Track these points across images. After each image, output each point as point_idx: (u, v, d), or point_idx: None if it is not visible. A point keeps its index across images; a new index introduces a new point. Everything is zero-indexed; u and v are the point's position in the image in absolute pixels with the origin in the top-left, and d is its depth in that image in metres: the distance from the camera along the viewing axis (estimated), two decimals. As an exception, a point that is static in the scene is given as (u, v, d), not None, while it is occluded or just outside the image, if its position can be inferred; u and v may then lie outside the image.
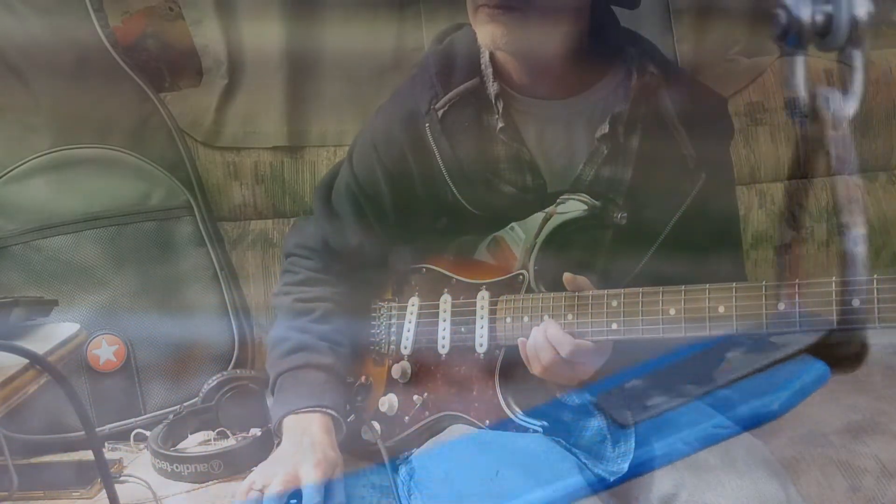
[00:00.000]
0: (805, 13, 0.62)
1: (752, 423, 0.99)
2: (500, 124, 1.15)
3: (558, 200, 1.15)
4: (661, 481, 1.04)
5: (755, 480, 1.01)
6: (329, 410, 1.17)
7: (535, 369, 1.06)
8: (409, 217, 1.24)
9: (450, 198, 1.18)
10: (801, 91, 0.65)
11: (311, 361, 1.21)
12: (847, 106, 0.64)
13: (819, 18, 0.62)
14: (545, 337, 1.04)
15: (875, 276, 0.83)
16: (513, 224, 1.18)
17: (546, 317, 1.07)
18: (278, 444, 1.18)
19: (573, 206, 1.14)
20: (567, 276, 1.06)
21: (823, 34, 0.63)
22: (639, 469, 0.98)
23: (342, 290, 1.29)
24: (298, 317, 1.26)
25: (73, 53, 1.53)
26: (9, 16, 1.51)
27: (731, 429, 1.03)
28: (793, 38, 0.63)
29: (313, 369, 1.20)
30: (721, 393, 0.97)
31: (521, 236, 1.16)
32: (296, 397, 1.18)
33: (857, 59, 0.63)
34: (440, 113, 1.16)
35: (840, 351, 0.70)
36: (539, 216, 1.15)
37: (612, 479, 1.05)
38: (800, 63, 0.64)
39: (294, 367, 1.21)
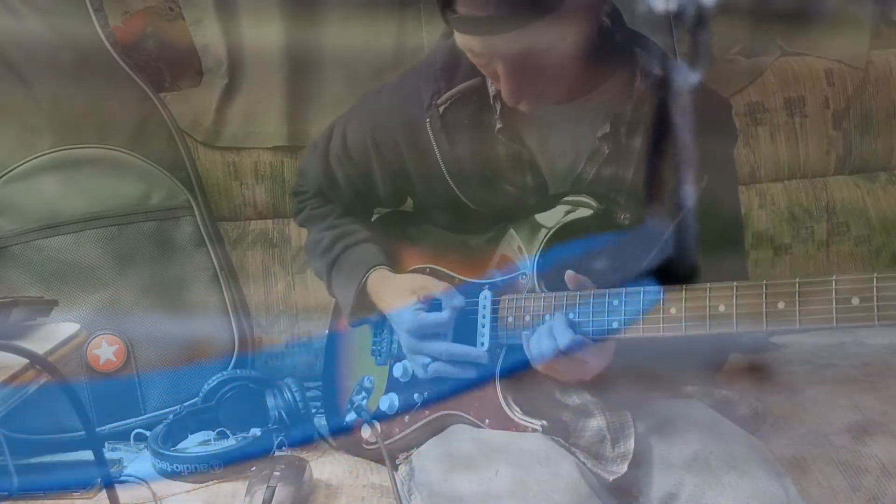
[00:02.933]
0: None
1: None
2: (499, 125, 1.14)
3: (560, 205, 1.15)
4: (661, 481, 1.04)
5: (756, 480, 1.01)
6: (382, 267, 1.24)
7: (538, 364, 1.05)
8: (400, 201, 1.31)
9: (450, 194, 1.18)
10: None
11: (352, 241, 1.28)
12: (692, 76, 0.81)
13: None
14: (549, 329, 1.03)
15: (875, 273, 0.83)
16: (520, 245, 1.17)
17: (547, 316, 1.07)
18: (373, 320, 1.27)
19: (575, 211, 1.13)
20: (569, 273, 1.05)
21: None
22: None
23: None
24: (322, 220, 1.34)
25: (74, 53, 1.53)
26: (9, 16, 1.51)
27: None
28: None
29: (358, 246, 1.27)
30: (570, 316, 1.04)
31: (524, 254, 1.15)
32: (354, 270, 1.25)
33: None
34: (441, 109, 1.16)
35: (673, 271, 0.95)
36: (542, 231, 1.14)
37: (611, 479, 1.05)
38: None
39: (339, 253, 1.28)
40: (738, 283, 0.92)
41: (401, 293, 1.20)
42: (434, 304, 1.17)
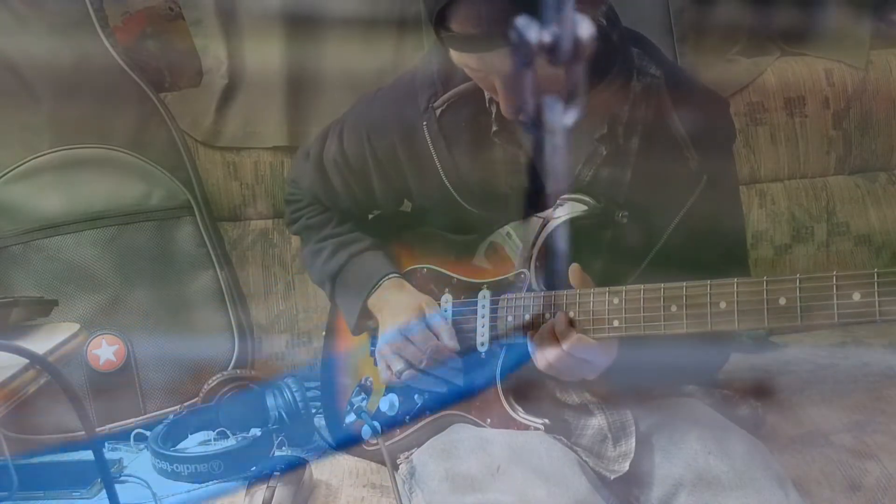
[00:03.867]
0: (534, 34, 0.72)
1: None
2: (495, 127, 1.14)
3: (557, 203, 1.15)
4: (661, 481, 1.04)
5: (755, 480, 1.01)
6: (395, 275, 1.24)
7: (541, 363, 1.05)
8: (397, 203, 1.30)
9: (447, 196, 1.18)
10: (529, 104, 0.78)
11: (355, 250, 1.28)
12: (566, 116, 0.78)
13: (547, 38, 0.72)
14: (552, 329, 1.03)
15: (875, 270, 0.83)
16: (509, 231, 1.17)
17: (548, 315, 1.07)
18: (374, 327, 1.25)
19: (572, 209, 1.13)
20: (575, 266, 1.05)
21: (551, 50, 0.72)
22: None
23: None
24: (320, 228, 1.33)
25: (73, 54, 1.53)
26: (9, 16, 1.52)
27: None
28: (523, 55, 0.73)
29: (360, 255, 1.27)
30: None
31: (518, 244, 1.15)
32: (365, 279, 1.24)
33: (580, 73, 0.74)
34: (438, 112, 1.16)
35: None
36: (536, 222, 1.14)
37: (612, 477, 1.05)
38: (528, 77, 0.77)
39: (343, 262, 1.27)
40: (739, 280, 0.92)
41: (399, 315, 1.20)
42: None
